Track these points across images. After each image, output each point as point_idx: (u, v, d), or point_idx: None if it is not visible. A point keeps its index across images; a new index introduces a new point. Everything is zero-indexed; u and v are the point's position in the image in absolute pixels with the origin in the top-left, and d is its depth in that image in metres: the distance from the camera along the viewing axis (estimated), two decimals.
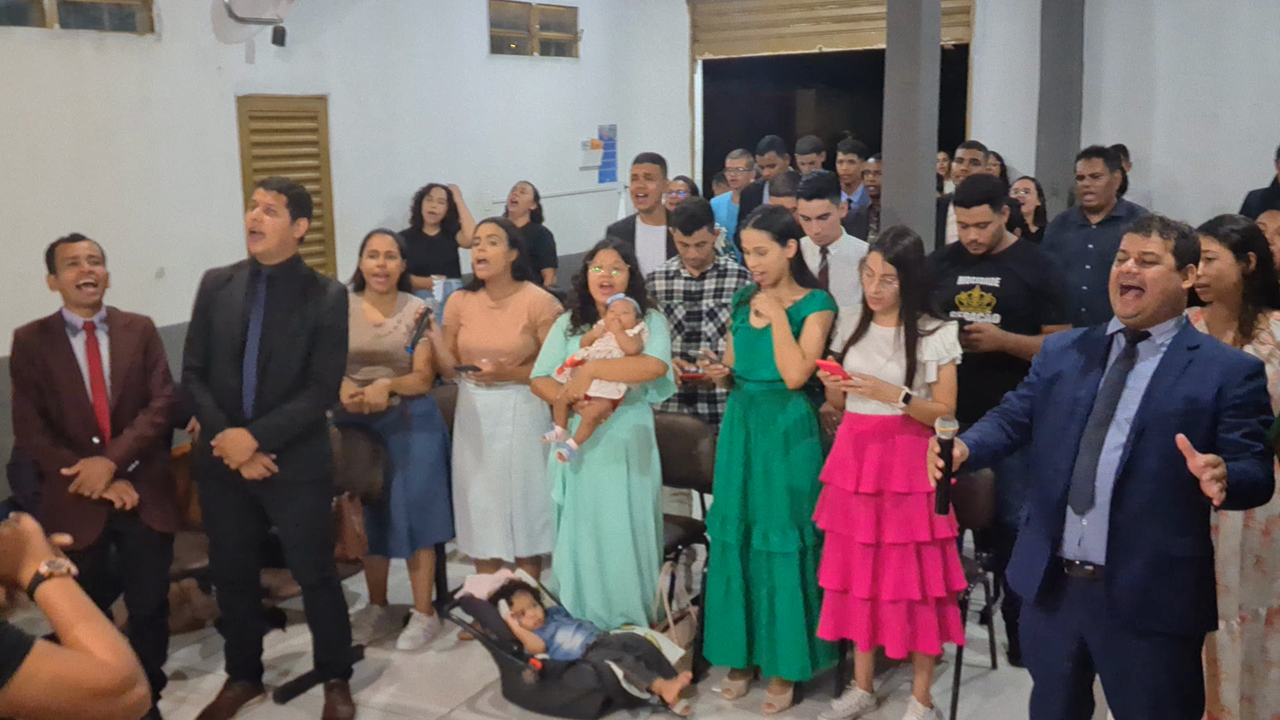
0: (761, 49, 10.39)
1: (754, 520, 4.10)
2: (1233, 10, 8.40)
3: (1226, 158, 8.18)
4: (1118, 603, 2.80)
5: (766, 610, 4.12)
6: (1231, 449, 2.70)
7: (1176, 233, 2.83)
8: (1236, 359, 2.80)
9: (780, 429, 4.06)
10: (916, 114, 5.27)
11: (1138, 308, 2.81)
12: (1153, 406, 2.77)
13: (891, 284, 3.75)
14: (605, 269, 4.21)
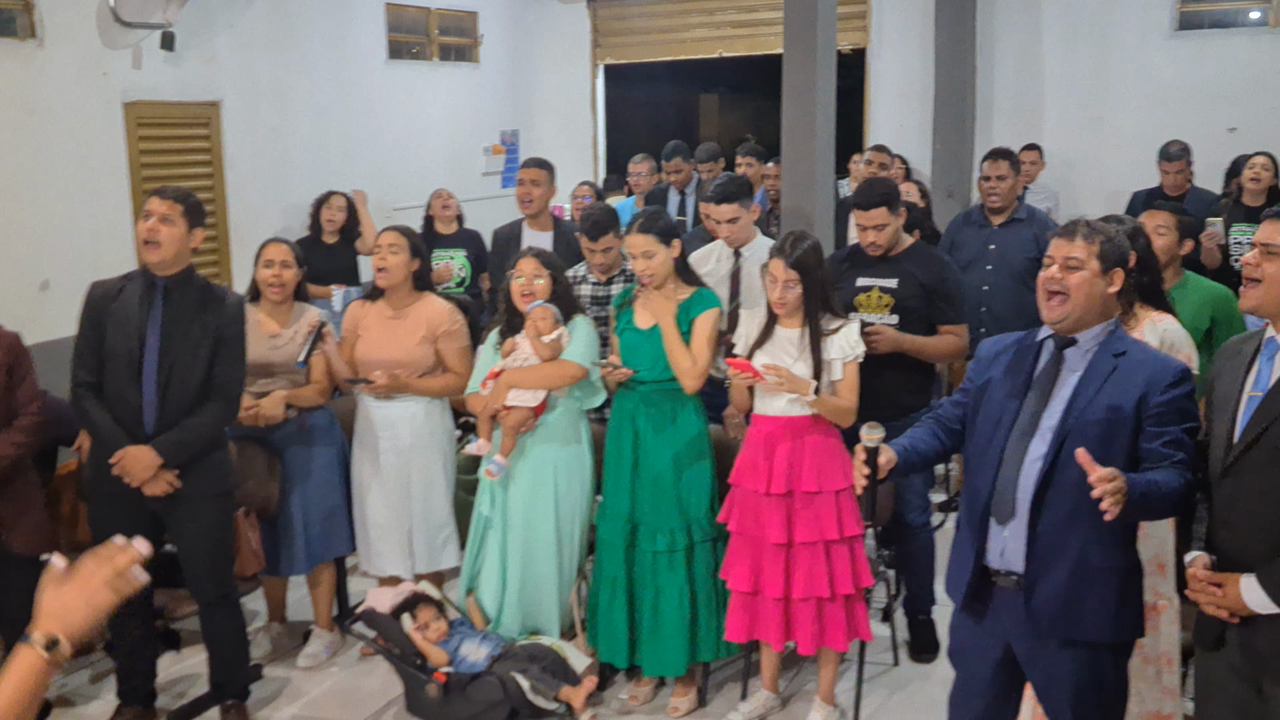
0: (662, 54, 10.43)
1: (641, 520, 4.11)
2: (1117, 18, 8.65)
3: (1113, 159, 8.44)
4: (1037, 613, 2.80)
5: (650, 609, 4.13)
6: (1152, 458, 2.71)
7: (1102, 237, 2.82)
8: (1160, 366, 2.77)
9: (669, 428, 4.08)
10: (814, 118, 5.32)
11: (1062, 313, 2.80)
12: (1075, 415, 2.77)
13: (794, 288, 3.79)
14: (526, 277, 4.20)
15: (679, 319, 4.06)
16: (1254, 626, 2.56)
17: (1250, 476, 2.56)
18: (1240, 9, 8.45)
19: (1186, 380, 2.76)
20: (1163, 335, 3.40)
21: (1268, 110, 8.17)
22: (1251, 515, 2.56)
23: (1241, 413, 2.60)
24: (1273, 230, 2.55)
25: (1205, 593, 2.61)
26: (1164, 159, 7.01)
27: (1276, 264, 2.53)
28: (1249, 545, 2.56)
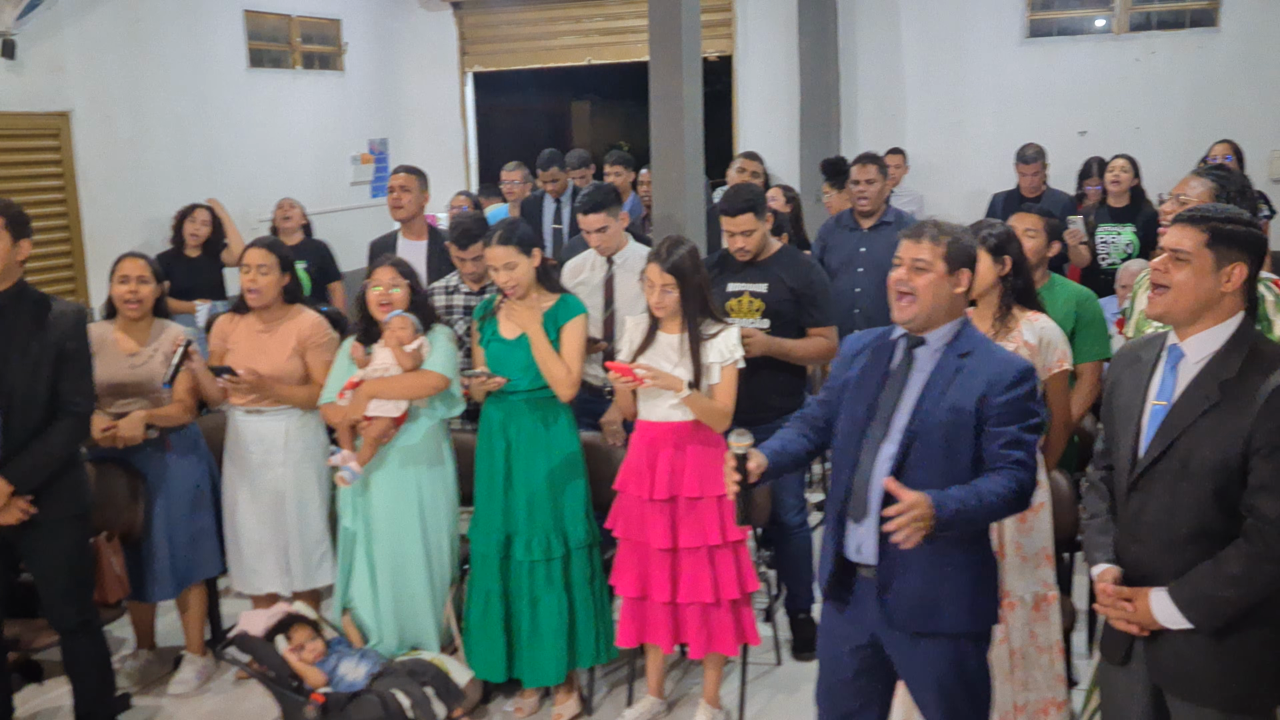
0: (531, 61, 10.40)
1: (515, 530, 4.08)
2: (971, 26, 8.93)
3: (973, 162, 8.70)
4: (892, 608, 2.83)
5: (528, 620, 4.11)
6: (990, 459, 2.74)
7: (949, 238, 2.83)
8: (1002, 366, 2.78)
9: (542, 437, 4.07)
10: (682, 124, 5.36)
11: (912, 313, 2.83)
12: (921, 416, 2.79)
13: (672, 293, 3.81)
14: (384, 286, 4.13)
15: (546, 327, 4.05)
16: (1161, 640, 2.56)
17: (1158, 490, 2.55)
18: (1086, 17, 8.80)
19: (1028, 379, 2.78)
20: (1040, 333, 3.50)
21: (1114, 113, 8.53)
22: (1160, 529, 2.55)
23: (1146, 424, 2.59)
24: (1181, 236, 2.52)
25: (1115, 607, 2.60)
26: (1021, 161, 7.26)
27: (1185, 270, 2.50)
28: (1158, 559, 2.55)
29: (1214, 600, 2.45)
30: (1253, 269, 2.51)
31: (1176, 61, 8.49)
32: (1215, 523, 2.47)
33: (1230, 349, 2.50)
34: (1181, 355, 2.57)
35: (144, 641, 4.73)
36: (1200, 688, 2.52)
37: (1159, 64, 8.54)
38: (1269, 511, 2.40)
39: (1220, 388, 2.47)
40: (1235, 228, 2.51)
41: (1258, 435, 2.40)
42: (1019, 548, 3.49)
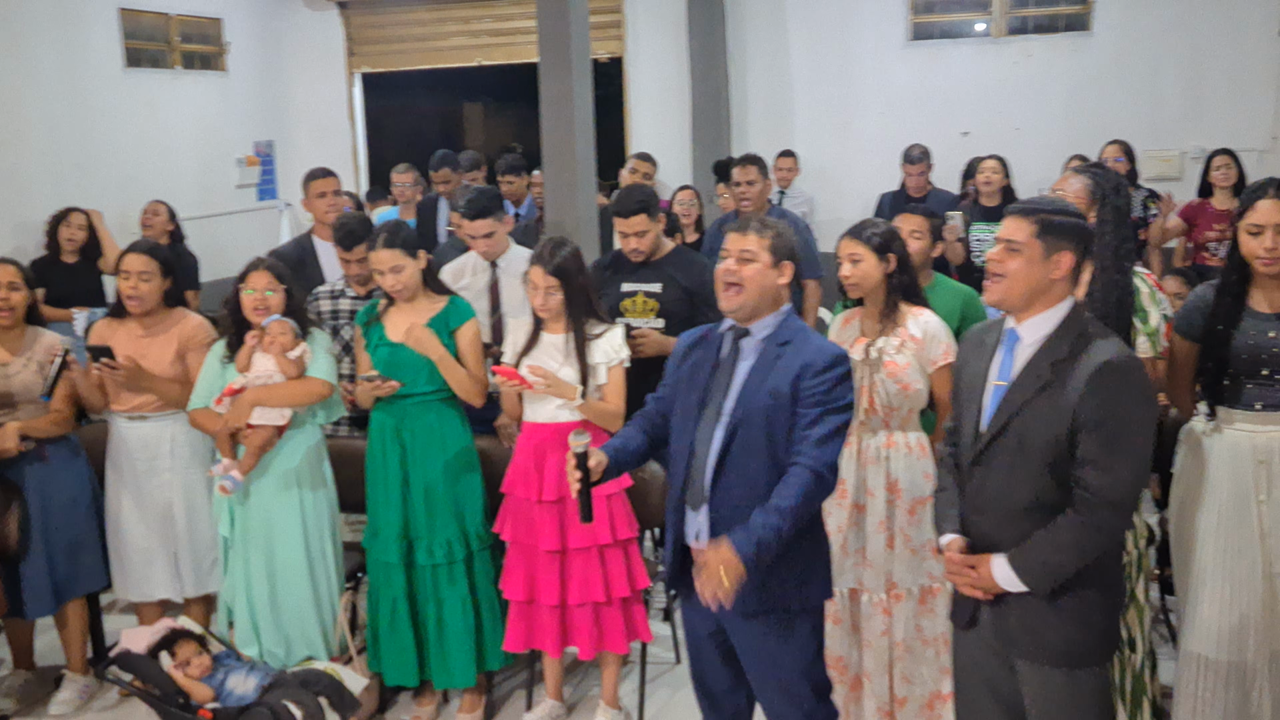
0: (420, 62, 10.29)
1: (416, 535, 4.04)
2: (856, 29, 9.08)
3: (861, 163, 8.83)
4: None
5: (435, 624, 4.07)
6: (795, 441, 2.88)
7: (773, 231, 2.98)
8: (816, 352, 2.92)
9: (438, 439, 4.03)
10: (573, 126, 5.35)
11: (738, 303, 2.95)
12: (744, 402, 2.92)
13: (556, 294, 3.79)
14: (259, 291, 4.03)
15: (438, 330, 4.01)
16: (1005, 605, 2.72)
17: (998, 464, 2.69)
18: (966, 20, 9.01)
19: (839, 364, 2.92)
20: (925, 328, 3.58)
21: (995, 114, 8.75)
22: (1000, 500, 2.70)
23: (988, 402, 2.74)
24: (1013, 228, 2.66)
25: (961, 574, 2.76)
26: (906, 162, 7.41)
27: (1017, 260, 2.64)
28: (999, 529, 2.71)
29: (1047, 565, 2.62)
30: (1079, 257, 2.67)
31: (1053, 64, 8.75)
32: (1049, 494, 2.63)
33: (1061, 332, 2.66)
34: (1018, 338, 2.72)
35: (21, 661, 4.57)
36: (1040, 647, 2.69)
37: (1036, 67, 8.79)
38: (1094, 483, 2.56)
39: (1052, 368, 2.63)
40: (1063, 219, 2.67)
41: (1083, 412, 2.56)
42: (907, 539, 3.55)
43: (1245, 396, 3.25)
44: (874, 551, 3.58)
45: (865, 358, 3.57)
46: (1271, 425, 3.22)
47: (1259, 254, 3.17)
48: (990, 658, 2.82)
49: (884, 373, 3.53)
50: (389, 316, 4.08)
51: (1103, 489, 2.55)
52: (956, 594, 2.86)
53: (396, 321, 4.05)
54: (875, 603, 3.60)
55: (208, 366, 4.13)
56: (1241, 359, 3.22)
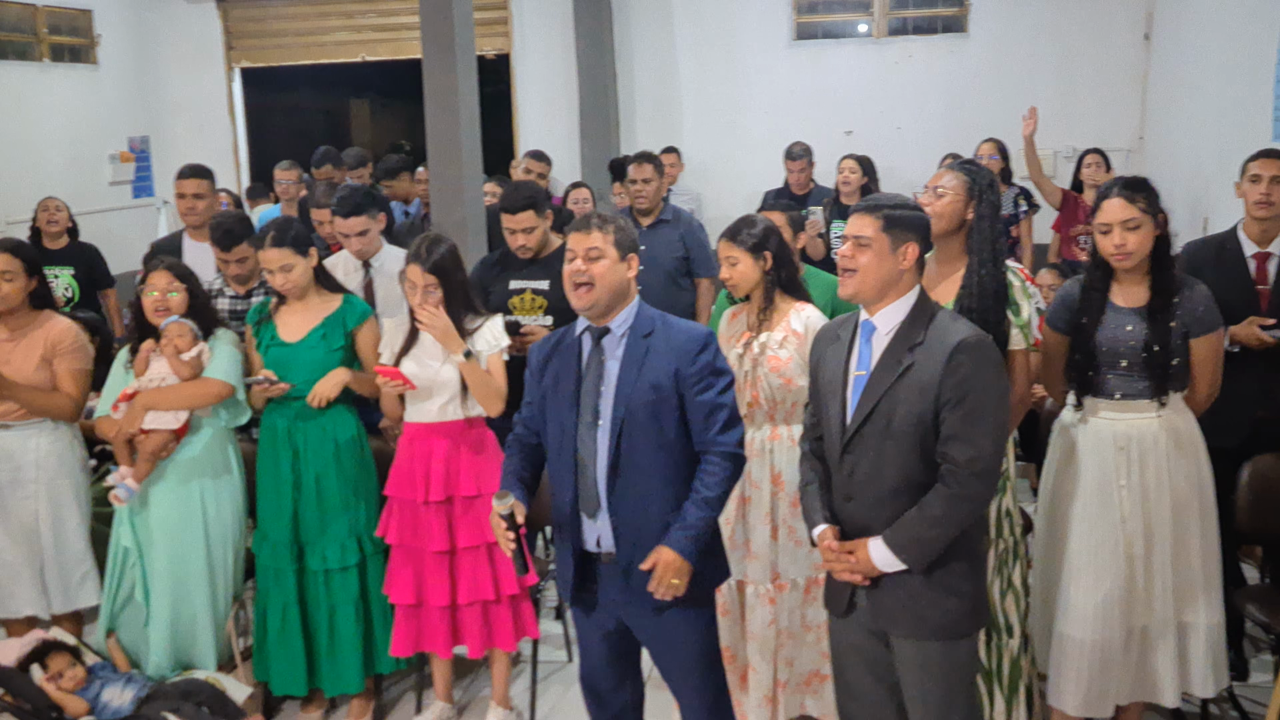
0: (303, 57, 10.08)
1: (308, 540, 3.97)
2: (741, 28, 9.17)
3: (747, 160, 8.92)
4: (636, 590, 2.97)
5: (326, 629, 4.01)
6: (699, 436, 2.94)
7: (614, 225, 3.01)
8: (685, 339, 2.98)
9: (331, 441, 3.97)
10: (458, 122, 5.31)
11: (591, 300, 2.95)
12: (624, 401, 2.94)
13: (435, 292, 3.76)
14: (160, 291, 3.92)
15: (332, 330, 3.95)
16: (881, 587, 2.82)
17: (866, 450, 2.79)
18: (849, 21, 9.17)
19: (710, 339, 3.00)
20: (807, 322, 3.62)
21: (878, 114, 8.93)
22: (870, 485, 2.80)
23: (851, 392, 2.84)
24: (861, 224, 2.78)
25: (839, 561, 2.83)
26: (789, 159, 7.52)
27: (867, 254, 2.77)
28: (871, 513, 2.80)
29: (922, 540, 2.73)
30: (923, 247, 2.81)
31: (932, 65, 8.96)
32: (918, 474, 2.75)
33: (914, 318, 2.79)
34: (874, 328, 2.83)
35: None
36: (917, 624, 2.79)
37: (916, 67, 8.99)
38: (959, 456, 2.69)
39: (911, 352, 2.75)
40: (904, 213, 2.80)
41: (944, 390, 2.69)
42: (792, 531, 3.60)
43: (1107, 387, 3.38)
44: (759, 544, 3.62)
45: (748, 352, 3.61)
46: (1130, 414, 3.36)
47: (1109, 251, 3.31)
48: (868, 640, 2.91)
49: (767, 367, 3.57)
50: (280, 316, 4.00)
51: (968, 460, 2.68)
52: (831, 582, 2.95)
53: (288, 321, 3.97)
54: (761, 594, 3.64)
55: (113, 373, 4.03)
56: (1103, 351, 3.35)
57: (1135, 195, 3.28)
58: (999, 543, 3.36)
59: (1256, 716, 3.91)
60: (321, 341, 3.97)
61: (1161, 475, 3.34)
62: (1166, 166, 7.70)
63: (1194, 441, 3.41)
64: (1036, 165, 6.94)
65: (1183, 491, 3.36)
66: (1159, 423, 3.35)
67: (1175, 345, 3.32)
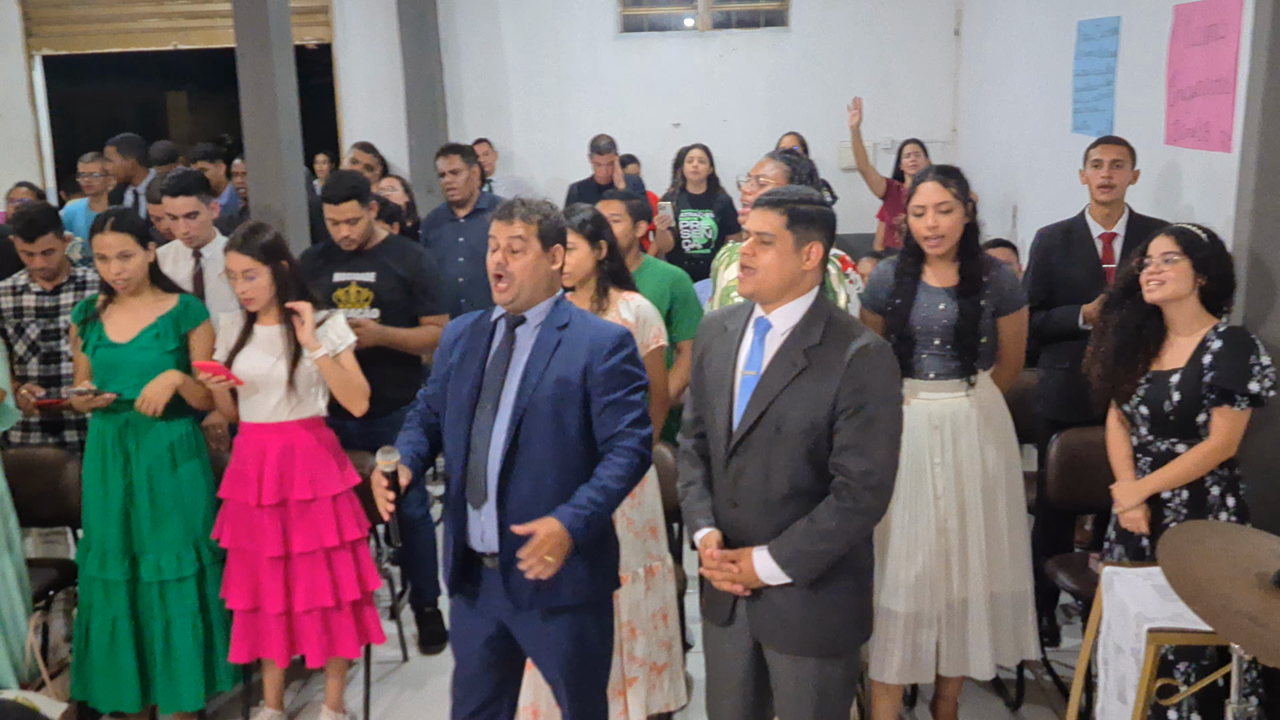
0: (110, 44, 9.60)
1: (141, 550, 3.79)
2: (567, 20, 9.15)
3: (577, 153, 8.86)
4: (516, 590, 2.84)
5: (162, 644, 3.84)
6: (603, 434, 2.82)
7: (539, 216, 2.87)
8: (601, 335, 2.85)
9: (165, 446, 3.80)
10: (276, 112, 5.13)
11: (511, 294, 2.84)
12: (528, 392, 2.81)
13: (255, 278, 3.63)
14: None
15: (167, 330, 3.79)
16: (763, 598, 2.73)
17: (754, 454, 2.69)
18: (674, 14, 9.27)
19: (626, 345, 2.87)
20: (636, 312, 3.64)
21: (704, 106, 9.04)
22: (757, 491, 2.70)
23: (739, 393, 2.73)
24: (764, 219, 2.67)
25: (721, 569, 2.74)
26: (595, 151, 7.52)
27: (769, 253, 2.65)
28: (757, 520, 2.71)
29: (810, 555, 2.64)
30: (827, 247, 2.71)
31: (755, 58, 9.12)
32: (807, 482, 2.66)
33: (811, 319, 2.69)
34: (769, 327, 2.72)
35: None
36: (796, 638, 2.72)
37: (740, 60, 9.14)
38: (854, 468, 2.60)
39: (806, 354, 2.64)
40: (810, 208, 2.69)
41: (841, 398, 2.60)
42: (630, 522, 3.61)
43: (922, 366, 3.50)
44: None
45: None
46: (943, 393, 3.49)
47: (923, 233, 3.42)
48: (744, 650, 2.82)
49: None
50: (109, 314, 3.80)
51: (862, 473, 2.59)
52: (711, 590, 2.84)
53: (118, 319, 3.79)
54: None
55: None
56: (918, 330, 3.47)
57: (948, 180, 3.41)
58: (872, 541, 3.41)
59: (1068, 680, 4.12)
60: (154, 342, 3.79)
61: (973, 452, 3.47)
62: (978, 157, 8.04)
63: (1002, 417, 3.57)
64: (863, 154, 7.14)
65: (993, 466, 3.50)
66: (969, 401, 3.48)
67: (985, 324, 3.46)
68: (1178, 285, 3.19)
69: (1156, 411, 3.25)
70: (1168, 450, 3.28)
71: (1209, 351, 3.19)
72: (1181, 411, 3.21)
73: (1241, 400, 3.15)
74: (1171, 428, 3.25)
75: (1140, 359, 3.28)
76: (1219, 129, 4.24)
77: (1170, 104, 4.70)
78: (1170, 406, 3.22)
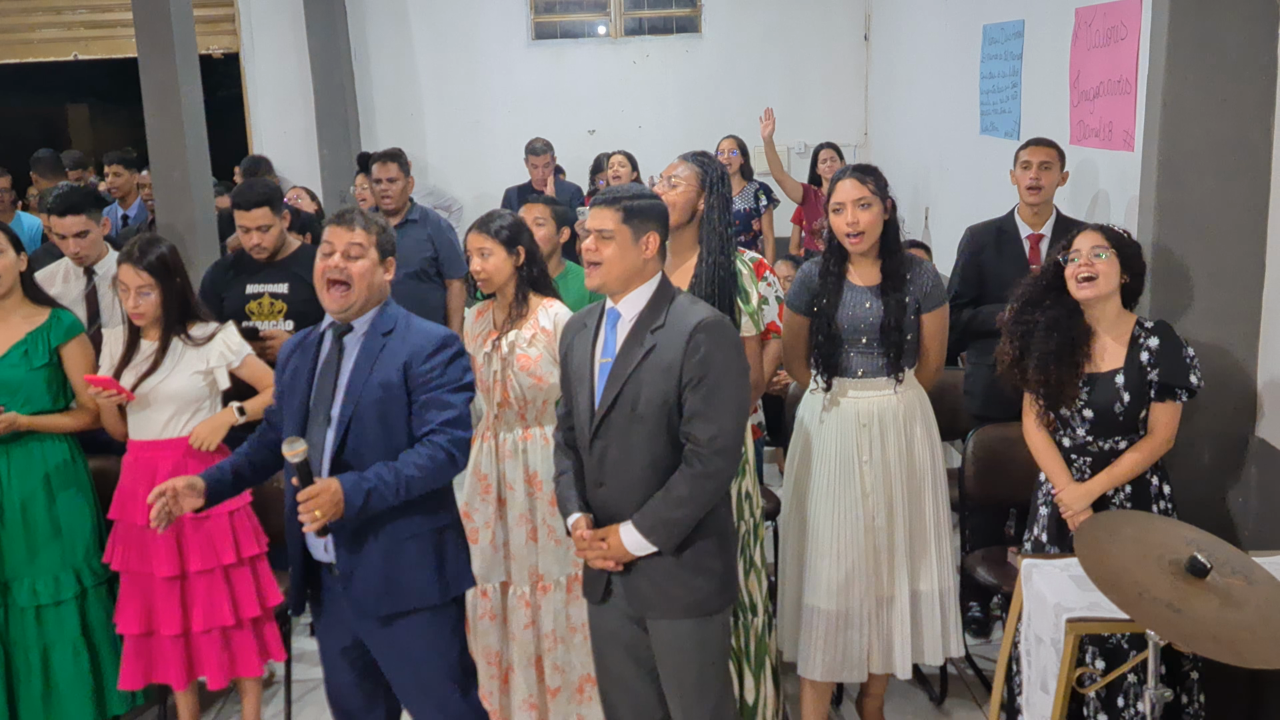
0: (7, 55, 9.31)
1: (14, 575, 3.68)
2: (479, 28, 9.10)
3: (491, 160, 8.87)
4: (359, 599, 2.87)
5: (40, 673, 3.72)
6: (418, 428, 2.84)
7: (379, 227, 2.95)
8: (423, 336, 2.91)
9: (41, 468, 3.70)
10: (181, 122, 5.02)
11: (347, 302, 2.88)
12: (353, 398, 2.85)
13: (149, 294, 3.55)
14: None
15: (37, 345, 3.67)
16: (634, 571, 2.84)
17: (615, 434, 2.80)
18: (587, 21, 9.26)
19: (450, 345, 2.91)
20: (555, 319, 3.61)
21: (619, 112, 9.06)
22: (619, 469, 2.81)
23: (598, 379, 2.85)
24: (602, 217, 2.80)
25: (592, 548, 2.83)
26: (531, 154, 7.51)
27: (610, 247, 2.79)
28: (622, 497, 2.82)
29: (669, 521, 2.75)
30: (663, 235, 2.86)
31: (668, 64, 9.16)
32: (664, 456, 2.78)
33: (655, 303, 2.84)
34: (619, 316, 2.86)
35: None
36: (670, 604, 2.83)
37: (653, 67, 9.17)
38: (702, 435, 2.73)
39: (651, 334, 2.79)
40: (643, 203, 2.84)
41: (685, 371, 2.73)
42: (551, 530, 3.57)
43: (850, 365, 3.52)
44: (516, 545, 3.58)
45: (497, 351, 3.57)
46: (871, 391, 3.51)
47: (843, 230, 3.45)
48: (625, 626, 2.92)
49: (517, 366, 3.53)
50: None
51: (709, 439, 2.72)
52: (587, 570, 2.94)
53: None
54: (519, 596, 3.60)
55: None
56: (845, 330, 3.49)
57: (866, 177, 3.44)
58: (741, 525, 3.43)
59: (990, 673, 4.17)
60: (23, 359, 3.68)
61: (901, 449, 3.50)
62: (890, 160, 8.15)
63: (927, 415, 3.60)
64: (777, 163, 7.19)
65: (920, 463, 3.53)
66: (896, 398, 3.52)
67: (908, 321, 3.49)
68: (1109, 281, 3.24)
69: (1103, 413, 3.28)
70: (1111, 449, 3.31)
71: (1145, 349, 3.25)
72: (1130, 410, 3.26)
73: (1182, 393, 3.23)
74: (1117, 428, 3.29)
75: (1079, 359, 3.29)
76: (1122, 128, 4.35)
77: (1074, 105, 4.80)
78: (1121, 408, 3.26)
